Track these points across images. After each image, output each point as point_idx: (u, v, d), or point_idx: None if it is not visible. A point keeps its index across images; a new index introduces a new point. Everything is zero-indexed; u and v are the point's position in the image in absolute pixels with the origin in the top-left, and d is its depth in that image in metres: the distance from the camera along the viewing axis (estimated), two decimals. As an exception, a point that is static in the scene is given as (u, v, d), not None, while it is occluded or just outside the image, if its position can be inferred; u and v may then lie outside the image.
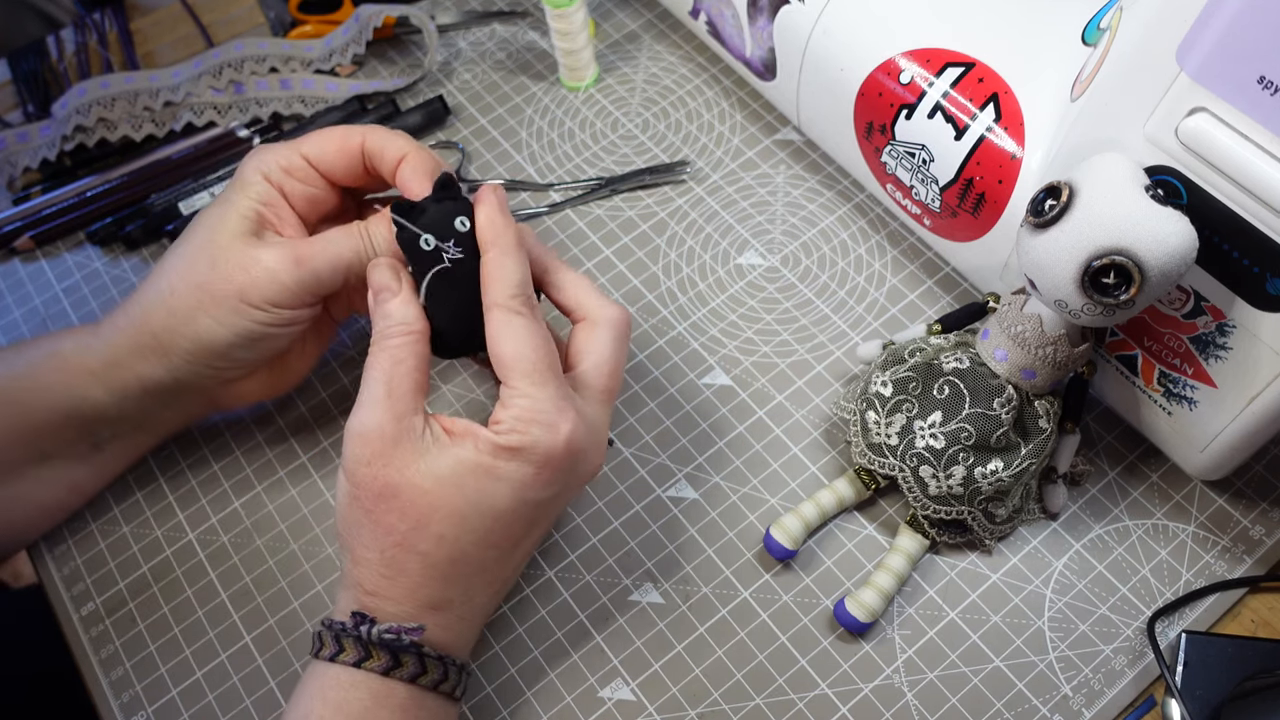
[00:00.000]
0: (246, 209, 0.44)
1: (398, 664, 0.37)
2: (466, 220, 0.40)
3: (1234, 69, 0.34)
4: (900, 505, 0.49)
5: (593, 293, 0.43)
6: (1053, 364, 0.43)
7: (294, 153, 0.45)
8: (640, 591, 0.47)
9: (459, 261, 0.40)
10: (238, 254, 0.42)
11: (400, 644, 0.37)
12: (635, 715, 0.45)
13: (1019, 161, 0.45)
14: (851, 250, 0.56)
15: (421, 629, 0.37)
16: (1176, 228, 0.37)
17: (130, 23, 0.71)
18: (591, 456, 0.41)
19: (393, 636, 0.37)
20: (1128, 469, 0.49)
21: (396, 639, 0.37)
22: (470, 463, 0.37)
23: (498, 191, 0.41)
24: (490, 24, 0.68)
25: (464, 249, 0.40)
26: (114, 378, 0.45)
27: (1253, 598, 0.46)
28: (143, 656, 0.47)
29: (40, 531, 0.50)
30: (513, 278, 0.39)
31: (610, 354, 0.41)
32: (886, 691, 0.44)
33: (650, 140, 0.61)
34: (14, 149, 0.63)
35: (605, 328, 0.42)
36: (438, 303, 0.41)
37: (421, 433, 0.38)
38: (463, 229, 0.40)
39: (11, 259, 0.61)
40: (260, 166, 0.44)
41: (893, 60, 0.49)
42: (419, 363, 0.39)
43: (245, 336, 0.43)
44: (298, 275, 0.42)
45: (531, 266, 0.42)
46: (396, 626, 0.37)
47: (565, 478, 0.39)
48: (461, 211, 0.40)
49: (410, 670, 0.37)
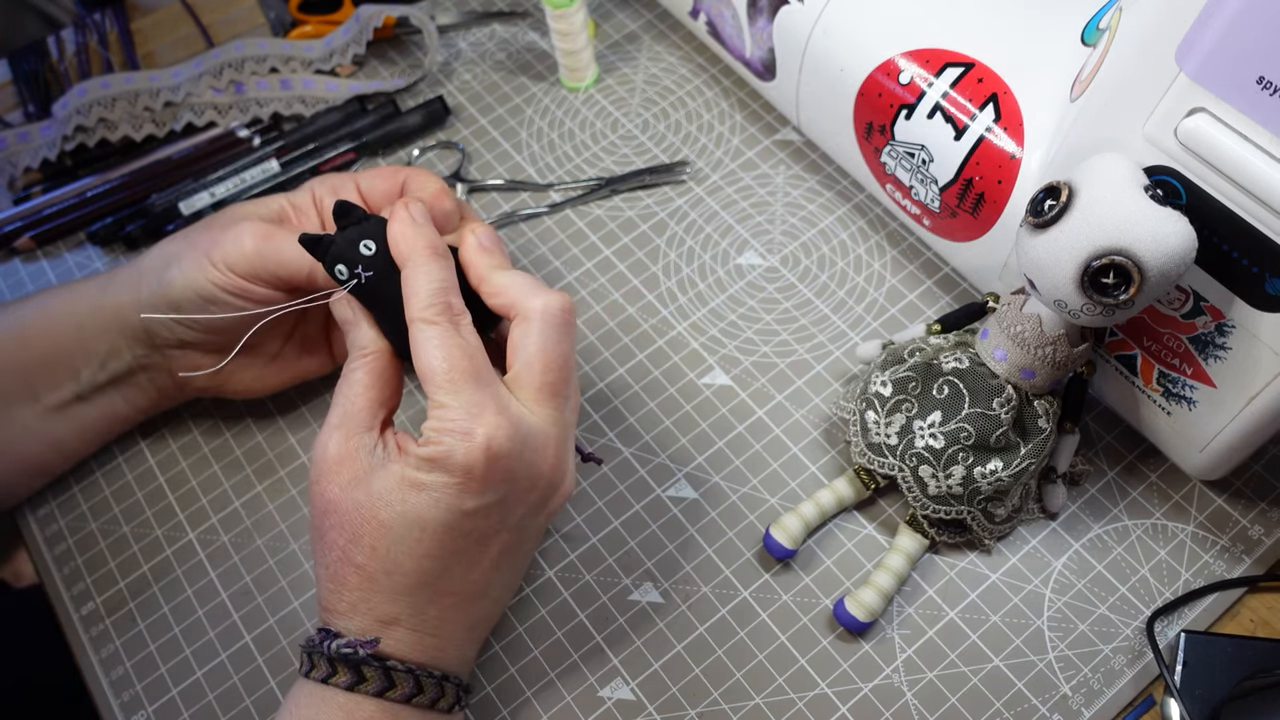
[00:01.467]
0: (275, 202, 0.48)
1: (362, 679, 0.37)
2: (372, 244, 0.40)
3: (1233, 69, 0.34)
4: (900, 505, 0.49)
5: (524, 288, 0.40)
6: (1052, 364, 0.43)
7: (350, 179, 0.49)
8: (640, 591, 0.47)
9: (373, 280, 0.40)
10: (230, 222, 0.45)
11: (357, 658, 0.37)
12: (635, 715, 0.45)
13: (1018, 162, 0.45)
14: (851, 250, 0.56)
15: (375, 642, 0.38)
16: (1176, 228, 0.37)
17: (130, 23, 0.71)
18: (536, 459, 0.39)
19: (350, 651, 0.37)
20: (1127, 469, 0.49)
21: (353, 653, 0.37)
22: (397, 476, 0.37)
23: (411, 205, 0.40)
24: (490, 24, 0.68)
25: (375, 269, 0.40)
26: (102, 309, 0.47)
27: (1252, 597, 0.46)
28: (143, 656, 0.47)
29: (18, 495, 0.51)
30: (422, 290, 0.39)
31: (540, 347, 0.39)
32: (886, 691, 0.44)
33: (650, 141, 0.61)
34: (15, 149, 0.63)
35: (535, 320, 0.39)
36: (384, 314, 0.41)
37: (371, 449, 0.39)
38: (368, 252, 0.40)
39: (12, 259, 0.61)
40: (312, 183, 0.49)
41: (892, 60, 0.49)
42: (374, 380, 0.40)
43: (197, 293, 0.44)
44: (259, 248, 0.44)
45: (468, 274, 0.41)
46: (353, 641, 0.37)
47: (502, 485, 0.38)
48: (368, 234, 0.40)
49: (376, 685, 0.37)
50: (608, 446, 0.51)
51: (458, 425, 0.37)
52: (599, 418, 0.52)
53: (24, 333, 0.47)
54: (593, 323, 0.55)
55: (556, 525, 0.49)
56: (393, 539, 0.37)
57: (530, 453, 0.38)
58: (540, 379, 0.39)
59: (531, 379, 0.39)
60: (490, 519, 0.39)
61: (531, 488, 0.39)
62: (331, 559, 0.38)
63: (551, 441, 0.39)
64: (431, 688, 0.39)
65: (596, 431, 0.52)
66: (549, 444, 0.39)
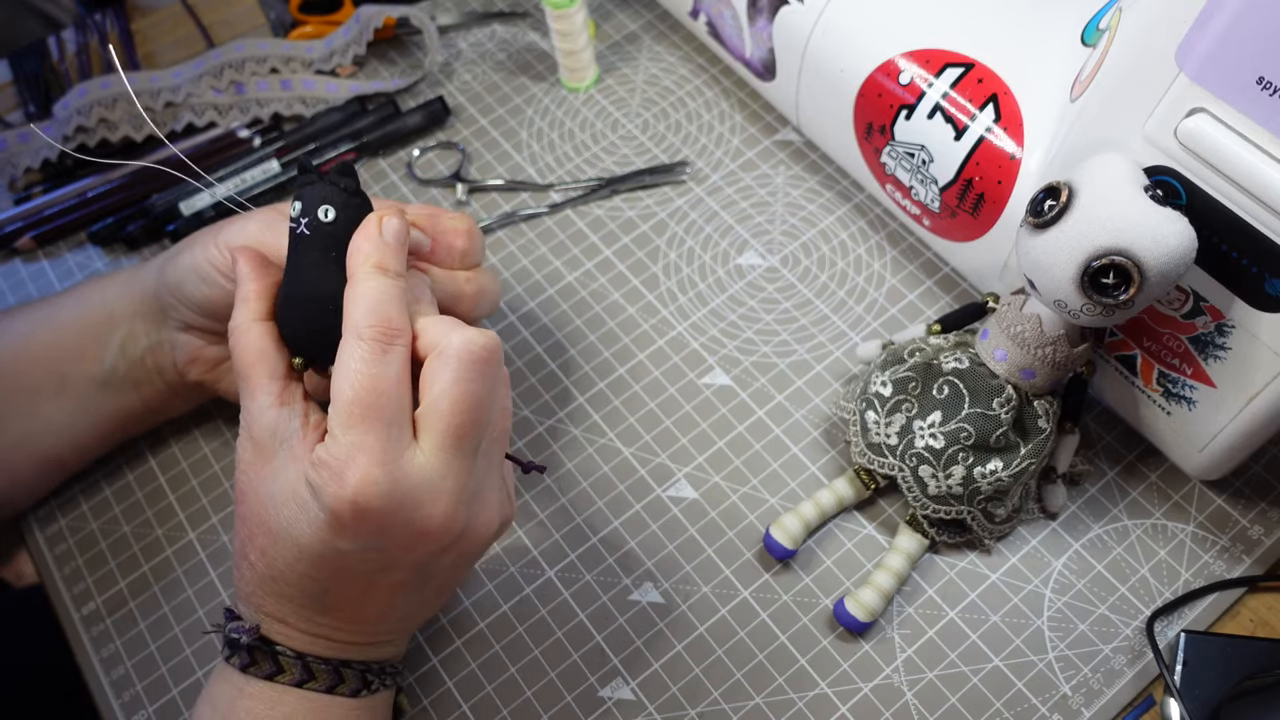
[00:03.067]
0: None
1: (253, 662, 0.38)
2: (331, 210, 0.38)
3: (1233, 70, 0.34)
4: (900, 505, 0.49)
5: (445, 323, 0.37)
6: (1052, 364, 0.43)
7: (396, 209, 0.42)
8: (640, 591, 0.47)
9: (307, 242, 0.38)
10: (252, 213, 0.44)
11: (240, 642, 0.38)
12: (635, 715, 0.45)
13: (1018, 162, 0.45)
14: (851, 250, 0.57)
15: (256, 628, 0.38)
16: (1176, 228, 0.37)
17: (131, 23, 0.71)
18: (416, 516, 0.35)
19: (237, 636, 0.38)
20: (1127, 469, 0.49)
21: (238, 639, 0.38)
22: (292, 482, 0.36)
23: (387, 219, 0.38)
24: (491, 25, 0.68)
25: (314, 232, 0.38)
26: (129, 290, 0.48)
27: (1251, 597, 0.46)
28: (143, 656, 0.47)
29: (35, 494, 0.51)
30: (360, 306, 0.36)
31: (449, 387, 0.35)
32: (886, 691, 0.44)
33: (650, 141, 0.61)
34: (15, 149, 0.63)
35: (450, 356, 0.36)
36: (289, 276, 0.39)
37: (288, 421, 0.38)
38: (325, 218, 0.38)
39: (13, 259, 0.61)
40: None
41: (892, 61, 0.49)
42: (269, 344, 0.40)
43: (195, 271, 0.44)
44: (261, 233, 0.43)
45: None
46: (239, 627, 0.38)
47: (373, 538, 0.35)
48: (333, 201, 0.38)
49: (266, 669, 0.38)
50: (608, 446, 0.51)
51: (333, 464, 0.34)
52: (599, 418, 0.52)
53: (58, 317, 0.48)
54: (593, 323, 0.55)
55: (556, 525, 0.49)
56: (277, 549, 0.37)
57: (409, 510, 0.35)
58: (446, 420, 0.35)
59: (437, 419, 0.35)
60: (368, 562, 0.37)
61: (413, 544, 0.36)
62: (236, 544, 0.39)
63: (444, 495, 0.36)
64: (325, 674, 0.39)
65: (597, 432, 0.52)
66: (439, 498, 0.36)
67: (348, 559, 0.36)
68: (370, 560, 0.37)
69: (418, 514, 0.35)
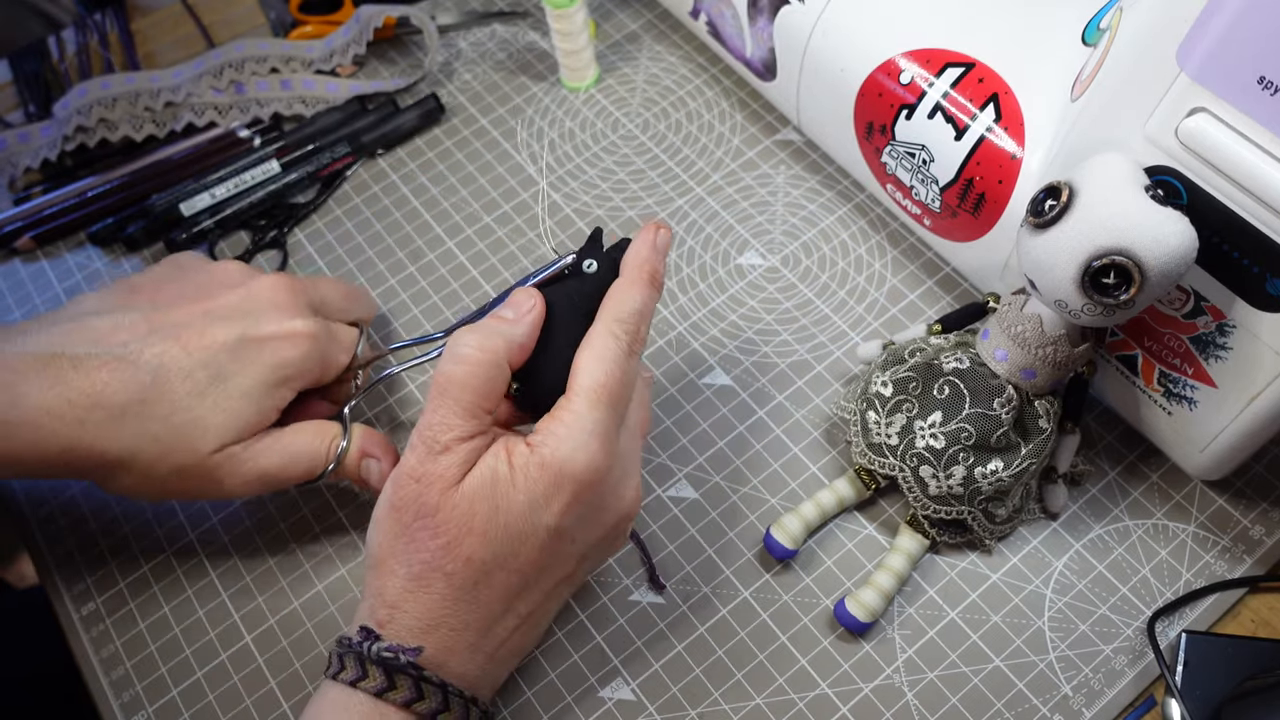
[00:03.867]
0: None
1: (392, 686, 0.36)
2: (594, 264, 0.42)
3: (1234, 69, 0.34)
4: (900, 505, 0.49)
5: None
6: (1053, 364, 0.43)
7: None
8: (640, 591, 0.47)
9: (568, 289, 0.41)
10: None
11: (397, 664, 0.36)
12: (635, 715, 0.45)
13: (1019, 162, 0.45)
14: (852, 250, 0.56)
15: (419, 650, 0.37)
16: (1176, 228, 0.37)
17: (131, 23, 0.71)
18: (615, 500, 0.40)
19: (391, 656, 0.36)
20: (1128, 469, 0.49)
21: (394, 658, 0.36)
22: (494, 472, 0.37)
23: (661, 231, 0.42)
24: (491, 24, 0.68)
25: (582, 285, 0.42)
26: None
27: (1253, 598, 0.46)
28: (143, 656, 0.47)
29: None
30: (626, 306, 0.40)
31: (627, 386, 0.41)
32: (887, 691, 0.44)
33: (650, 140, 0.61)
34: (15, 149, 0.63)
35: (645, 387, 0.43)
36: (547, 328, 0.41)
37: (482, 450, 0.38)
38: (588, 268, 0.42)
39: (12, 259, 0.61)
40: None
41: (893, 60, 0.49)
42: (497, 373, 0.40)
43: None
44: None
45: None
46: (395, 646, 0.37)
47: (585, 509, 0.38)
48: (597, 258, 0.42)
49: (405, 695, 0.36)
50: (608, 447, 0.51)
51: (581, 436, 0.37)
52: (599, 418, 0.52)
53: None
54: (593, 323, 0.55)
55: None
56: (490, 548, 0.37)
57: (614, 493, 0.40)
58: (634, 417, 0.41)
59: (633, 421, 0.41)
60: (560, 543, 0.39)
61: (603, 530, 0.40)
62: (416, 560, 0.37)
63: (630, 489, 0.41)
64: (457, 706, 0.37)
65: (597, 432, 0.52)
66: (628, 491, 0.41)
67: (553, 539, 0.38)
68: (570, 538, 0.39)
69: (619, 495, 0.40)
